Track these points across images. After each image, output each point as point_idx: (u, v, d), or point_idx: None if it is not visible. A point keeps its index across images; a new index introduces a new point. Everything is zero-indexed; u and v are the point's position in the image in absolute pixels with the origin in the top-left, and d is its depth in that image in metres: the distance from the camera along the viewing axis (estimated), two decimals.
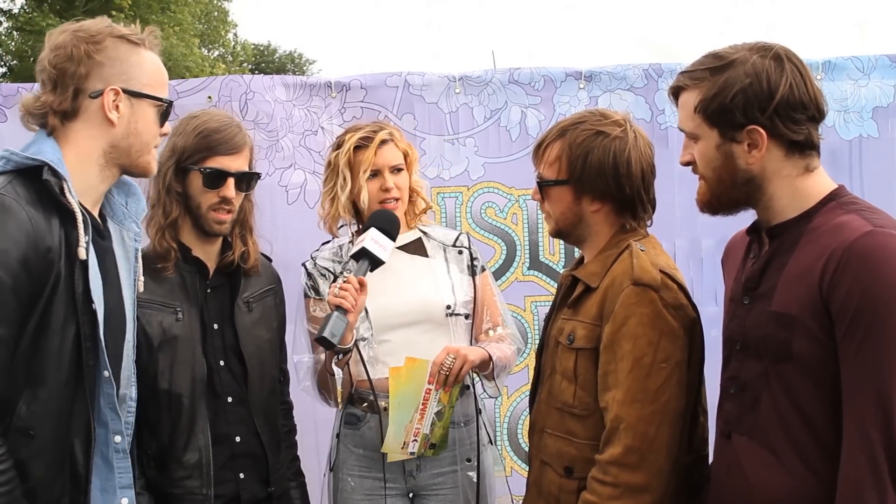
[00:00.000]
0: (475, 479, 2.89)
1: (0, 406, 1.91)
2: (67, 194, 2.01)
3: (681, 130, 2.11)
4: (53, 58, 2.11)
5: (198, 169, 2.63)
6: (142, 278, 2.31)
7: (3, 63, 23.11)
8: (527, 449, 3.93)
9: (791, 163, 1.99)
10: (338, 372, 2.75)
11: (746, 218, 3.75)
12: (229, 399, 2.69)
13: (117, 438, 2.13)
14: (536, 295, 4.02)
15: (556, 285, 3.94)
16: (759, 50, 1.98)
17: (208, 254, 2.72)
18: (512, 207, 3.99)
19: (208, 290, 2.70)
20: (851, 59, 3.99)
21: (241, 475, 2.69)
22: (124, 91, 2.12)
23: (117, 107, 2.11)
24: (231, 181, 2.66)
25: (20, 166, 2.02)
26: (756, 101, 1.94)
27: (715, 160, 2.02)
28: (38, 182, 2.00)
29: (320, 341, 2.53)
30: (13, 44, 22.28)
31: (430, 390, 2.68)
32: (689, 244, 3.94)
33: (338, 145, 2.95)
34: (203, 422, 2.61)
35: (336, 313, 2.54)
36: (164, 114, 2.22)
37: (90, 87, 2.10)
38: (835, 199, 1.98)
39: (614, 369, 2.17)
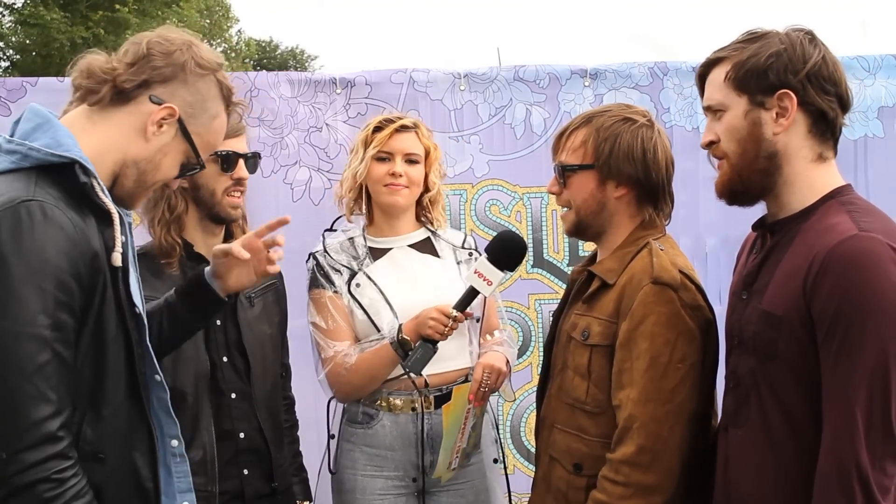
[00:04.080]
0: (500, 477, 2.96)
1: (70, 430, 1.74)
2: (101, 194, 1.82)
3: (706, 111, 2.09)
4: (155, 42, 1.93)
5: (211, 154, 2.63)
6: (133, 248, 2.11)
7: (5, 57, 23.12)
8: (529, 447, 3.95)
9: (809, 144, 1.99)
10: None
11: (750, 217, 3.76)
12: (233, 395, 2.68)
13: (174, 443, 2.00)
14: (540, 293, 4.01)
15: (560, 283, 3.97)
16: (793, 28, 2.02)
17: (211, 248, 2.71)
18: (516, 205, 3.99)
19: None
20: (857, 58, 3.99)
21: (246, 471, 2.68)
22: (179, 120, 1.93)
23: (161, 126, 1.92)
24: (242, 162, 2.69)
25: (41, 163, 1.78)
26: (790, 65, 1.96)
27: (741, 129, 2.00)
28: (65, 179, 1.78)
29: (414, 371, 2.63)
30: (15, 38, 22.28)
31: (470, 409, 2.71)
32: (693, 243, 3.94)
33: (365, 125, 2.99)
34: (207, 419, 2.61)
35: (429, 345, 2.62)
36: (186, 168, 2.02)
37: (159, 91, 1.92)
38: (835, 197, 1.97)
39: (629, 367, 2.16)
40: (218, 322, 2.69)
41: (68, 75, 1.99)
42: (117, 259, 1.82)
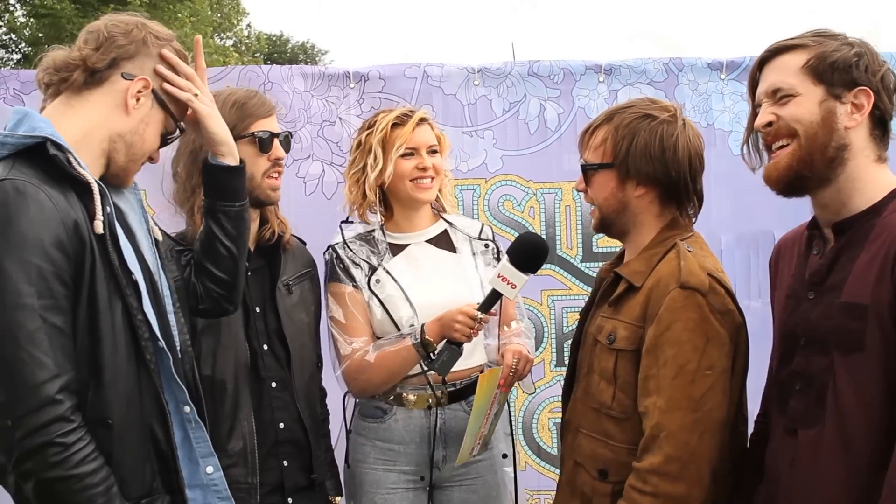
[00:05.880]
0: (511, 471, 2.96)
1: (71, 394, 1.81)
2: (77, 166, 1.89)
3: (771, 94, 2.06)
4: (112, 26, 2.05)
5: (247, 136, 2.60)
6: (155, 226, 2.21)
7: (17, 49, 23.18)
8: (541, 444, 3.95)
9: (871, 145, 2.01)
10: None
11: (763, 215, 3.72)
12: (273, 384, 2.66)
13: (186, 409, 2.03)
14: (553, 289, 4.00)
15: (573, 279, 3.97)
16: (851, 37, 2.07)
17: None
18: (529, 201, 3.98)
19: (248, 273, 2.63)
20: None
21: (285, 462, 2.65)
22: (153, 91, 2.06)
23: (138, 99, 2.03)
24: (277, 141, 2.67)
25: (18, 148, 1.88)
26: (870, 65, 1.99)
27: (815, 115, 1.99)
28: (42, 160, 1.87)
29: (440, 372, 2.65)
30: (28, 30, 22.34)
31: (497, 394, 2.70)
32: (707, 240, 3.90)
33: (369, 125, 2.92)
34: (247, 408, 2.57)
35: (455, 346, 2.62)
36: (168, 136, 2.15)
37: (128, 67, 2.03)
38: None
39: (656, 374, 2.10)
40: (258, 309, 2.67)
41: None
42: (99, 227, 1.89)
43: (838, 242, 2.01)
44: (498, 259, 2.97)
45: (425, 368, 2.72)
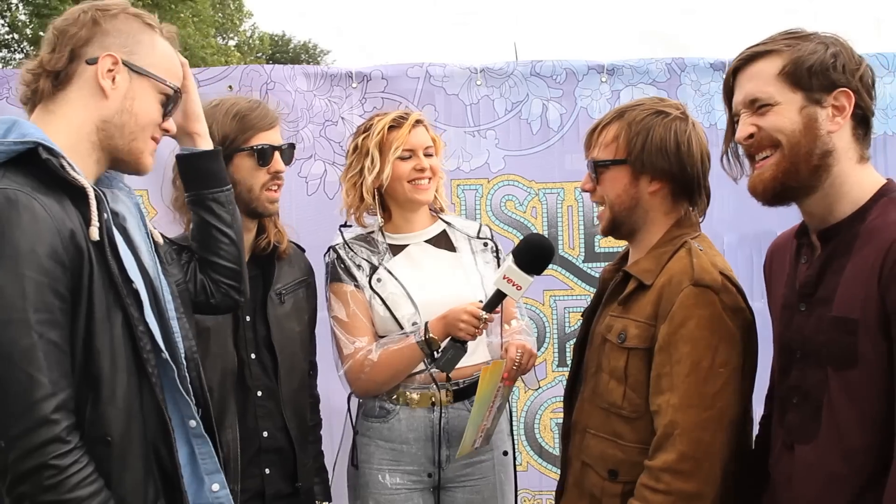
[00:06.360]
0: (511, 469, 2.97)
1: (68, 413, 1.71)
2: (70, 170, 1.79)
3: (749, 104, 2.01)
4: (59, 22, 1.95)
5: (247, 149, 2.60)
6: (154, 229, 2.10)
7: (20, 48, 23.19)
8: (543, 444, 3.94)
9: (854, 146, 1.97)
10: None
11: (765, 216, 3.72)
12: (259, 393, 2.66)
13: (192, 423, 1.93)
14: (555, 289, 4.00)
15: (575, 279, 3.96)
16: (826, 33, 2.00)
17: (246, 243, 2.66)
18: (532, 201, 3.97)
19: None
20: (876, 55, 3.95)
21: (267, 470, 2.66)
22: (125, 63, 1.92)
23: (113, 77, 1.91)
24: (278, 154, 2.65)
25: (9, 156, 1.77)
26: (848, 65, 1.94)
27: (796, 124, 1.94)
28: (35, 167, 1.77)
29: (444, 369, 2.66)
30: (29, 29, 22.36)
31: (500, 387, 2.70)
32: (710, 239, 3.91)
33: (365, 129, 2.93)
34: (231, 417, 2.58)
35: (459, 344, 2.63)
36: (168, 102, 2.02)
37: (89, 52, 1.91)
38: (887, 194, 1.94)
39: (669, 372, 2.09)
40: (248, 318, 2.66)
41: None
42: (94, 233, 1.79)
43: (824, 251, 1.97)
44: (497, 257, 2.99)
45: (429, 366, 2.72)
